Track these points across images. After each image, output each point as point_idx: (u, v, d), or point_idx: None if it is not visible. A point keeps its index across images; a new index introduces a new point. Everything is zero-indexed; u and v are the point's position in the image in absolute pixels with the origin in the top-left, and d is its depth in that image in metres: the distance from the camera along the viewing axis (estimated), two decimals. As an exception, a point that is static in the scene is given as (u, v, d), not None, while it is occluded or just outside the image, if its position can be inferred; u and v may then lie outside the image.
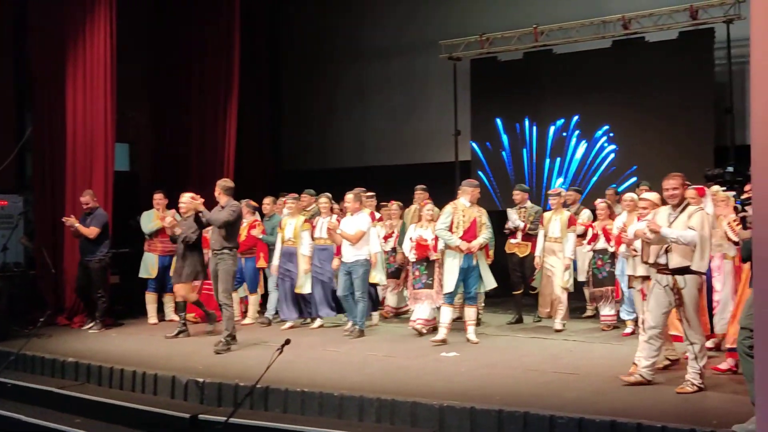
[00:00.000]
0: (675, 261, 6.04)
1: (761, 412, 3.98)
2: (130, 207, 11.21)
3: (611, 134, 12.06)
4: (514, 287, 9.70)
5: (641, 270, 7.28)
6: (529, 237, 9.46)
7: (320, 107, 15.11)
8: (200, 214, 8.46)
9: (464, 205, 8.55)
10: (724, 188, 5.09)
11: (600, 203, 9.15)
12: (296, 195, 10.01)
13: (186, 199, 8.98)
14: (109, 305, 9.99)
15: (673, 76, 11.41)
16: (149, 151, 13.38)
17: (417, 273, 8.98)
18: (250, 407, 6.42)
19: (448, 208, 8.60)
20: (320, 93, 15.09)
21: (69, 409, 7.12)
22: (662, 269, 6.13)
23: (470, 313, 8.60)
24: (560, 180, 12.35)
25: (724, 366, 6.59)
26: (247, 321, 10.06)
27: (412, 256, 8.98)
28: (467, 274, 8.45)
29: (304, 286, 9.50)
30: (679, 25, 11.30)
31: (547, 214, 9.42)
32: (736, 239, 6.57)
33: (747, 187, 6.76)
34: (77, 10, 10.59)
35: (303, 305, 9.67)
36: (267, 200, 10.40)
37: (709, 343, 6.85)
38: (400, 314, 10.36)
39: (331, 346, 8.44)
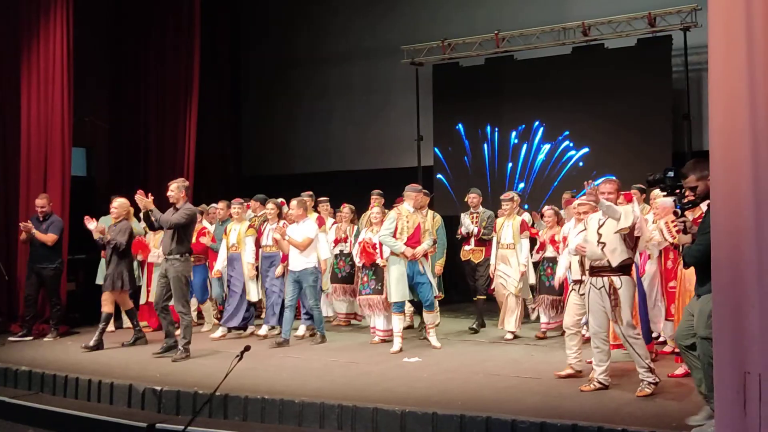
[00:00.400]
0: (616, 258, 6.03)
1: (719, 412, 4.01)
2: (86, 213, 10.94)
3: (571, 140, 12.17)
4: (473, 293, 9.63)
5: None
6: (483, 242, 9.38)
7: (282, 112, 15.02)
8: (150, 213, 8.04)
9: (408, 211, 8.40)
10: (664, 193, 5.11)
11: (547, 210, 8.96)
12: (242, 200, 9.78)
13: (118, 203, 8.85)
14: (64, 313, 9.75)
15: (632, 83, 11.57)
16: (107, 156, 13.16)
17: (365, 278, 8.83)
18: (209, 415, 6.31)
19: (392, 213, 8.49)
20: (282, 98, 15.00)
21: (22, 420, 6.91)
22: (598, 271, 6.14)
23: (429, 318, 8.47)
24: (521, 185, 12.43)
25: (680, 371, 6.60)
26: (206, 328, 9.82)
27: (357, 261, 8.91)
28: (416, 281, 8.29)
29: (251, 293, 9.26)
30: (638, 32, 11.48)
31: (499, 220, 9.22)
32: (671, 240, 6.69)
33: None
34: (32, 12, 10.38)
35: (248, 312, 9.38)
36: (220, 205, 10.21)
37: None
38: (351, 322, 10.18)
39: (292, 352, 8.35)
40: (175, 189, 8.06)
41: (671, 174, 4.85)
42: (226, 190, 13.04)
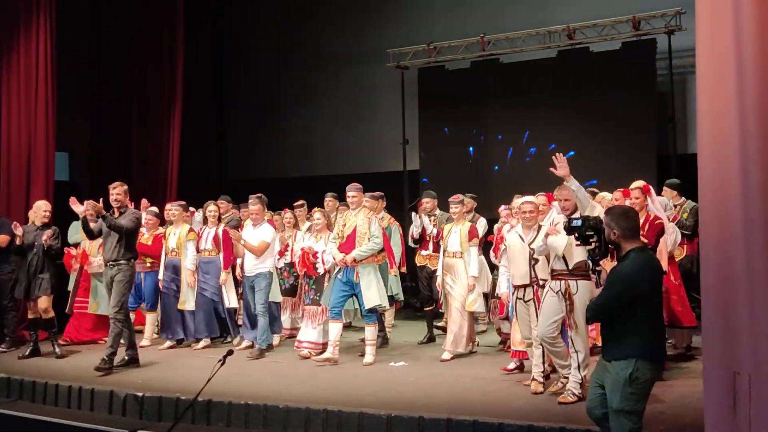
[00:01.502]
0: (577, 258, 5.89)
1: (708, 413, 3.97)
2: (69, 217, 10.80)
3: (557, 143, 12.14)
4: (424, 303, 9.06)
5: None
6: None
7: (267, 116, 14.92)
8: (104, 219, 7.52)
9: (350, 213, 7.94)
10: (578, 242, 4.60)
11: (503, 210, 8.21)
12: (183, 202, 9.35)
13: (39, 204, 8.72)
14: (21, 319, 9.31)
15: (617, 86, 11.58)
16: (89, 161, 13.02)
17: (306, 287, 8.44)
18: (192, 421, 6.23)
19: (339, 216, 8.19)
20: (267, 101, 14.90)
21: (0, 428, 6.79)
22: (557, 275, 6.03)
23: (366, 332, 7.91)
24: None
25: None
26: (144, 342, 8.92)
27: (299, 269, 8.48)
28: (354, 290, 7.73)
29: (187, 302, 8.83)
30: (622, 35, 11.49)
31: (447, 226, 8.28)
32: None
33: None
34: (12, 17, 10.23)
35: (185, 323, 8.99)
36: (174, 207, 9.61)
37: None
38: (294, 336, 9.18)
39: (275, 357, 8.25)
40: (122, 192, 7.74)
41: (577, 222, 4.46)
42: (210, 195, 12.91)
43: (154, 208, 9.45)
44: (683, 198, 8.46)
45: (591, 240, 4.39)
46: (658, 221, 6.52)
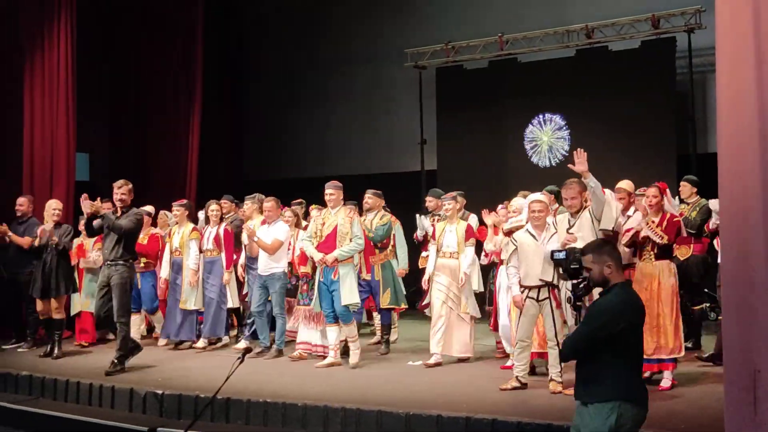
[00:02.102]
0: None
1: (729, 412, 3.94)
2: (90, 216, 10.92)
3: (575, 142, 12.10)
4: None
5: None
6: None
7: (286, 116, 14.98)
8: (103, 219, 7.46)
9: (328, 212, 7.71)
10: (562, 276, 4.28)
11: (500, 210, 7.99)
12: (185, 201, 9.37)
13: (50, 203, 8.70)
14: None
15: (636, 85, 11.51)
16: (109, 161, 13.13)
17: (305, 287, 8.17)
18: (211, 419, 6.25)
19: (314, 213, 8.05)
20: (286, 102, 14.97)
21: (23, 425, 6.83)
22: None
23: (345, 331, 7.65)
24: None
25: (666, 384, 6.30)
26: (161, 342, 8.91)
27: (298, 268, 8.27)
28: (332, 291, 7.52)
29: (188, 301, 8.76)
30: (642, 34, 11.44)
31: (439, 225, 7.89)
32: (658, 240, 6.32)
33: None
34: (35, 18, 10.37)
35: (189, 322, 8.87)
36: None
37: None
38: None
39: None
40: (127, 192, 7.64)
41: (560, 255, 4.10)
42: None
43: (148, 208, 9.40)
44: (698, 196, 8.26)
45: (577, 273, 4.00)
46: (676, 219, 6.48)
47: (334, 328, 7.63)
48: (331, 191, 7.67)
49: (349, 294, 7.49)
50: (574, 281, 4.03)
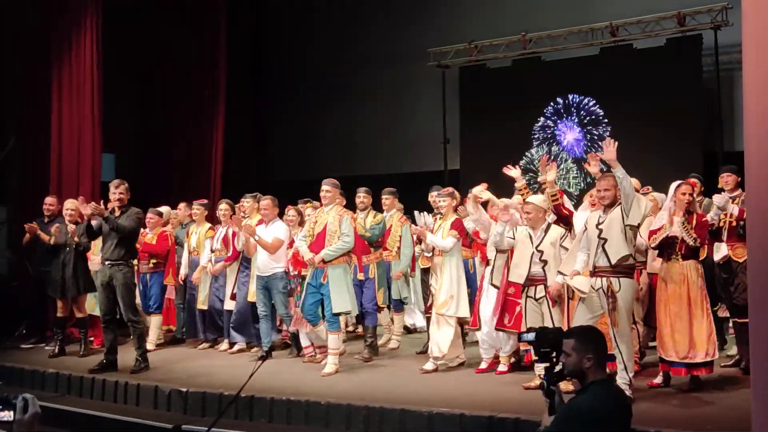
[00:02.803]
0: (613, 251, 5.73)
1: (757, 415, 3.89)
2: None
3: (600, 141, 12.01)
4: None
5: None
6: None
7: (309, 116, 15.01)
8: (106, 220, 7.39)
9: (322, 210, 7.50)
10: (535, 359, 4.03)
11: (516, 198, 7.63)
12: (205, 200, 9.32)
13: (66, 203, 8.68)
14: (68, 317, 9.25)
15: (661, 83, 11.38)
16: (135, 162, 13.24)
17: (299, 288, 7.92)
18: (235, 417, 6.29)
19: (308, 211, 7.91)
20: (309, 102, 14.99)
21: (49, 422, 6.89)
22: (600, 271, 5.84)
23: (329, 340, 7.30)
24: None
25: (659, 380, 6.29)
26: (149, 346, 8.42)
27: (291, 269, 8.09)
28: (321, 291, 7.29)
29: (205, 302, 8.71)
30: (667, 31, 11.31)
31: (438, 223, 7.61)
32: (691, 243, 6.20)
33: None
34: (63, 20, 10.51)
35: (208, 323, 8.82)
36: (180, 206, 9.74)
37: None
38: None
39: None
40: (124, 191, 7.58)
41: (528, 337, 3.72)
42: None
43: (164, 208, 9.46)
44: (702, 196, 8.01)
45: (549, 356, 3.58)
46: (705, 219, 6.37)
47: (318, 329, 7.43)
48: (327, 188, 7.41)
49: (340, 301, 7.19)
50: (547, 365, 3.57)
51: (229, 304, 8.57)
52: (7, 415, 2.70)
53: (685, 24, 11.08)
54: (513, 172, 7.05)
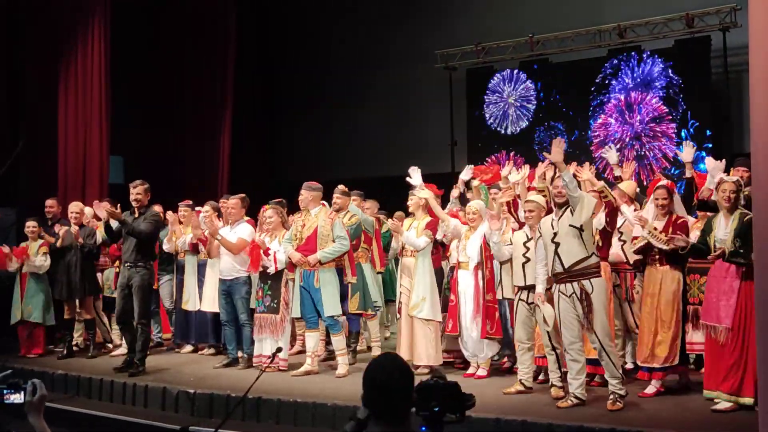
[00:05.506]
0: (565, 255, 5.65)
1: (764, 418, 3.88)
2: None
3: (609, 142, 11.99)
4: None
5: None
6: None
7: (316, 119, 15.02)
8: (123, 224, 7.39)
9: (308, 213, 7.31)
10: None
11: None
12: (190, 202, 8.99)
13: (70, 206, 8.64)
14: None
15: (670, 85, 11.35)
16: (143, 164, 13.28)
17: (260, 292, 7.52)
18: (242, 419, 6.30)
19: (295, 216, 7.62)
20: (316, 104, 15.01)
21: (58, 423, 6.90)
22: (560, 278, 5.72)
23: (334, 342, 7.28)
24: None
25: (651, 390, 6.08)
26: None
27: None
28: (312, 295, 7.14)
29: (189, 302, 8.49)
30: (675, 33, 11.29)
31: (407, 220, 7.50)
32: (663, 246, 6.06)
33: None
34: (71, 24, 10.58)
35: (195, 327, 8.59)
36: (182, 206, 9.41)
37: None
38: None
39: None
40: (143, 192, 7.52)
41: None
42: (260, 197, 13.07)
43: (156, 208, 9.32)
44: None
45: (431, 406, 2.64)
46: (681, 220, 6.21)
47: (314, 334, 7.30)
48: (301, 192, 7.30)
49: (332, 305, 7.09)
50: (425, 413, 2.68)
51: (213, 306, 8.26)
52: (18, 398, 3.03)
53: (694, 25, 11.04)
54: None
